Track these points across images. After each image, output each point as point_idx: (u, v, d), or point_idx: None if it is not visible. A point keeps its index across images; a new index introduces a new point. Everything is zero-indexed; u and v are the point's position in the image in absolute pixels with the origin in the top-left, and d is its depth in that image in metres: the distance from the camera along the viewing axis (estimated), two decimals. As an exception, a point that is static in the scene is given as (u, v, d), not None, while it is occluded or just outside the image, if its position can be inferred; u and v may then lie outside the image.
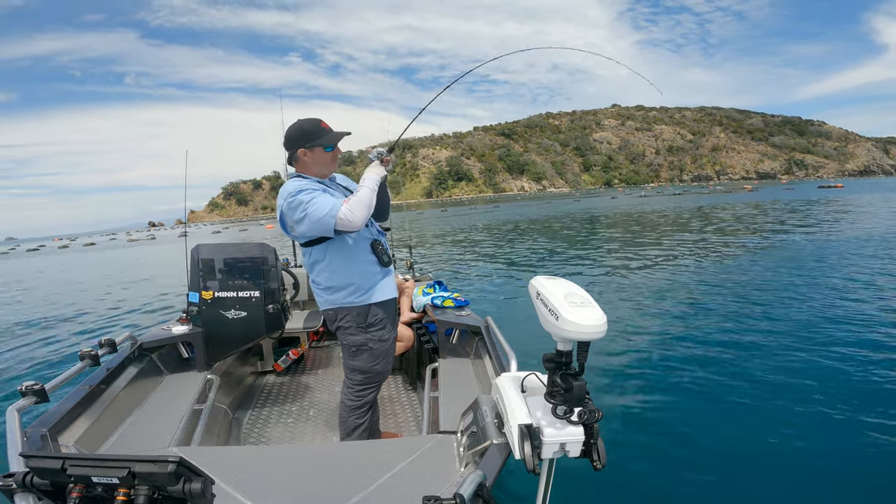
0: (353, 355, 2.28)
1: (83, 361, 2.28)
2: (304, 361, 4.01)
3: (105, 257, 29.86)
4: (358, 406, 2.32)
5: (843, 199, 31.21)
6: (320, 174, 2.24)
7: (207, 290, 2.81)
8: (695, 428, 3.42)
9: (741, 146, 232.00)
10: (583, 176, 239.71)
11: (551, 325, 1.35)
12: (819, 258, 9.48)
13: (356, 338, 2.24)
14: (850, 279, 7.49)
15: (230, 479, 1.56)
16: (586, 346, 1.33)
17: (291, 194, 2.07)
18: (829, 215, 20.01)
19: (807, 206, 26.05)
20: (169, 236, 58.21)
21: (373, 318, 2.24)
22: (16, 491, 1.12)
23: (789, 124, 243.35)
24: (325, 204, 2.02)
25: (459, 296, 3.47)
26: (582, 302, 1.35)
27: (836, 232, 13.71)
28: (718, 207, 29.47)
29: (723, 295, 7.01)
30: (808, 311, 5.82)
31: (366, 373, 2.29)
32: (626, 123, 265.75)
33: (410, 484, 1.53)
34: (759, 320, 5.66)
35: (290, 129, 2.20)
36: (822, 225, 16.03)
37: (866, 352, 4.45)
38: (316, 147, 2.18)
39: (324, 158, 2.21)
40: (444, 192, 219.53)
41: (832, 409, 3.49)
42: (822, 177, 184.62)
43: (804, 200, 31.45)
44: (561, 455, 1.36)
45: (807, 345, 4.75)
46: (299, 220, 2.07)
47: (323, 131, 2.18)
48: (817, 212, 22.20)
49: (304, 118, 2.21)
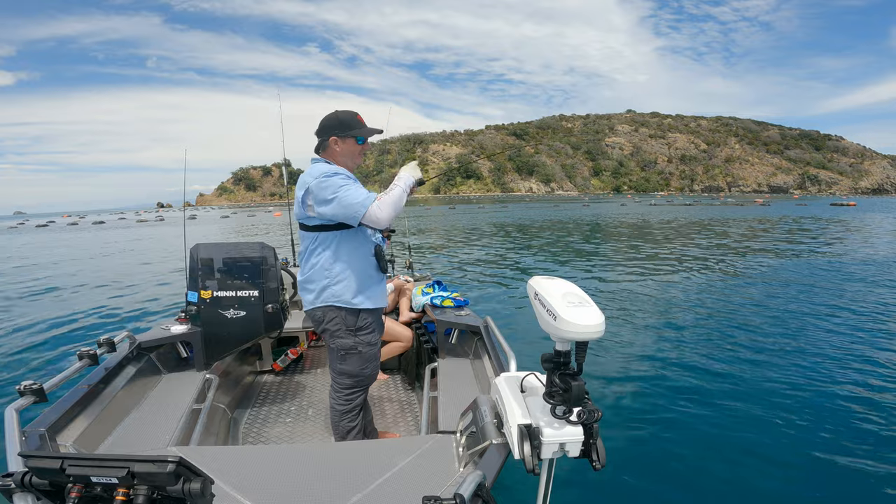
0: (341, 359, 2.25)
1: (81, 361, 2.28)
2: (302, 361, 4.01)
3: (113, 236, 30.11)
4: (348, 410, 2.31)
5: (858, 218, 30.88)
6: (346, 165, 2.24)
7: (206, 289, 2.81)
8: (695, 428, 3.44)
9: (755, 158, 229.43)
10: (592, 180, 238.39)
11: (549, 325, 1.35)
12: (834, 279, 9.37)
13: (345, 341, 2.21)
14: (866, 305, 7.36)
15: (229, 479, 1.56)
16: (584, 346, 1.34)
17: (326, 175, 2.06)
18: (844, 234, 19.78)
19: (823, 224, 25.81)
20: (177, 217, 58.82)
21: (362, 322, 2.23)
22: (14, 491, 1.12)
23: (807, 138, 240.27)
24: (359, 192, 2.03)
25: (459, 295, 3.47)
26: (580, 302, 1.34)
27: (850, 253, 13.53)
28: (731, 221, 29.18)
29: (730, 306, 6.96)
30: (812, 332, 5.76)
31: (355, 376, 2.27)
32: (639, 130, 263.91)
33: (410, 484, 1.54)
34: (762, 333, 5.62)
35: (327, 118, 2.24)
36: (837, 244, 15.84)
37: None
38: (349, 138, 2.21)
39: (354, 150, 2.24)
40: (451, 189, 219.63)
41: (823, 423, 3.50)
42: (834, 193, 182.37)
43: (817, 218, 31.12)
44: (560, 455, 1.37)
45: (802, 358, 4.76)
46: (327, 201, 2.04)
47: (358, 123, 2.23)
48: (834, 230, 21.98)
49: (341, 109, 2.26)
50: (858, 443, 3.20)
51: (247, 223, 42.39)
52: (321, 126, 2.24)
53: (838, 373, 4.40)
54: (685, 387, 4.16)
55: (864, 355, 4.86)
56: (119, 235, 30.86)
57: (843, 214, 36.76)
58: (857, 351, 5.00)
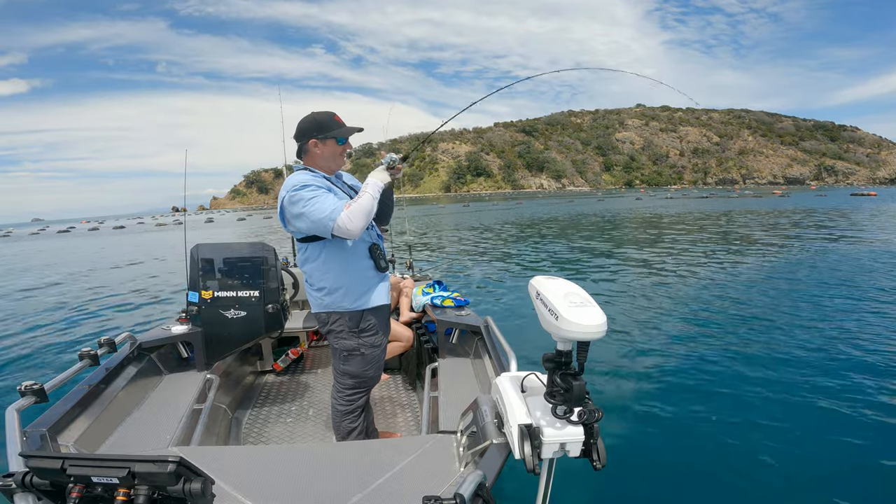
0: (344, 360, 2.24)
1: (82, 361, 2.29)
2: (303, 361, 4.01)
3: (142, 240, 30.34)
4: (350, 411, 2.30)
5: (884, 208, 29.99)
6: (328, 168, 2.20)
7: (207, 289, 2.82)
8: (696, 428, 3.40)
9: (769, 150, 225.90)
10: (603, 175, 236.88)
11: (551, 324, 1.34)
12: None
13: (348, 342, 2.20)
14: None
15: (230, 479, 1.56)
16: (586, 346, 1.32)
17: (295, 188, 2.01)
18: (878, 223, 19.06)
19: (846, 214, 25.19)
20: (196, 222, 58.86)
21: (365, 324, 2.20)
22: (15, 491, 1.13)
23: (821, 129, 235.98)
24: (326, 205, 1.97)
25: (459, 295, 3.45)
26: (582, 302, 1.33)
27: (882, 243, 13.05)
28: (754, 213, 28.48)
29: (746, 303, 6.81)
30: (831, 329, 5.59)
31: (357, 377, 2.26)
32: (650, 124, 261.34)
33: (410, 484, 1.53)
34: (775, 330, 5.45)
35: (304, 121, 2.16)
36: (868, 234, 15.35)
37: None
38: (328, 139, 2.14)
39: (335, 151, 2.18)
40: (462, 187, 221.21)
41: (838, 414, 3.42)
42: (852, 184, 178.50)
43: (840, 210, 30.05)
44: (561, 455, 1.36)
45: (817, 358, 4.60)
46: (298, 216, 2.02)
47: (336, 124, 2.16)
48: (859, 218, 21.42)
49: (317, 111, 2.18)
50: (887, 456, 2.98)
51: (264, 225, 42.69)
52: (298, 130, 2.16)
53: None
54: (696, 387, 4.06)
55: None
56: (144, 239, 31.32)
57: (866, 204, 35.87)
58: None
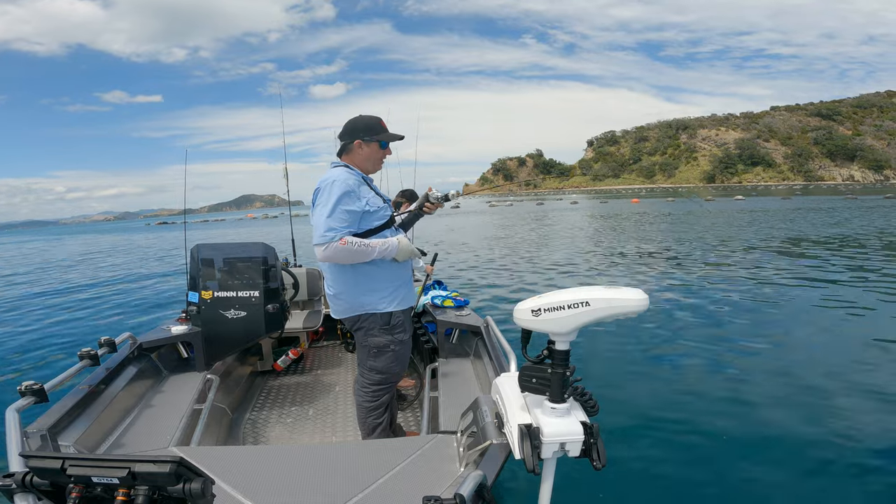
0: (374, 356, 2.29)
1: (82, 361, 2.29)
2: (303, 361, 4.01)
3: None
4: (375, 406, 2.34)
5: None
6: (366, 168, 2.29)
7: (207, 289, 2.82)
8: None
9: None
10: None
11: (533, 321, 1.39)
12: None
13: (379, 339, 2.25)
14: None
15: (230, 479, 1.56)
16: (529, 333, 1.43)
17: (328, 182, 2.08)
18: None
19: None
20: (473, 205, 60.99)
21: (395, 321, 2.27)
22: (15, 491, 1.12)
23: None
24: (330, 223, 2.04)
25: (459, 295, 3.48)
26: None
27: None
28: None
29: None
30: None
31: (384, 373, 2.31)
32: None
33: (410, 484, 1.54)
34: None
35: (352, 121, 2.28)
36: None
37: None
38: (373, 142, 2.25)
39: (377, 154, 2.29)
40: (731, 178, 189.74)
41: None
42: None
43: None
44: (561, 455, 1.37)
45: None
46: (313, 209, 2.14)
47: (382, 129, 2.28)
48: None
49: (365, 114, 2.30)
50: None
51: (551, 211, 40.02)
52: (346, 129, 2.27)
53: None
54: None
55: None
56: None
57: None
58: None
